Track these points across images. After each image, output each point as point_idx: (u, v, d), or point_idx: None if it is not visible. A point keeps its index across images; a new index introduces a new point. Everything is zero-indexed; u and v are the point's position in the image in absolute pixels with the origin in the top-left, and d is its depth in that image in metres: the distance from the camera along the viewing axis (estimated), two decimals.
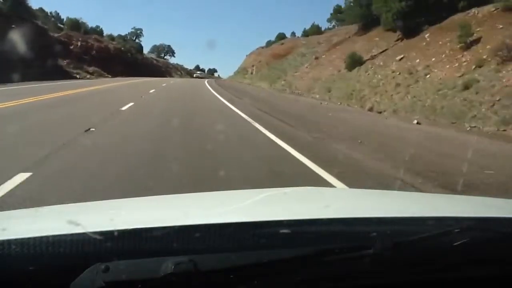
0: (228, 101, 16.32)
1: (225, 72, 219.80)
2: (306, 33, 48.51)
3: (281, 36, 55.42)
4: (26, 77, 22.99)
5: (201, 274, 0.79)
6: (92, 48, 49.73)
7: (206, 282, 0.81)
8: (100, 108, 12.11)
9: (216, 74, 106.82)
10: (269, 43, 55.32)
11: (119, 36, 70.10)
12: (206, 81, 45.61)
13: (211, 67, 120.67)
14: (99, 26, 66.24)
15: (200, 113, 11.85)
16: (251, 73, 46.56)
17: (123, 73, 48.96)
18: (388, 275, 0.91)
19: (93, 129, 7.43)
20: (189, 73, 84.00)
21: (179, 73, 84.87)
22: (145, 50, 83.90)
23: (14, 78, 21.64)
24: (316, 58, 29.79)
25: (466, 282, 0.96)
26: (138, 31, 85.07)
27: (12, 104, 11.27)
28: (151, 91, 20.89)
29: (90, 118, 9.00)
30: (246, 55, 62.69)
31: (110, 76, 46.25)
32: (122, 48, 59.25)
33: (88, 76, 41.77)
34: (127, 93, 18.77)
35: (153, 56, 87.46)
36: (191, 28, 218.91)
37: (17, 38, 25.70)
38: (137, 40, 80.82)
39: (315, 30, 47.60)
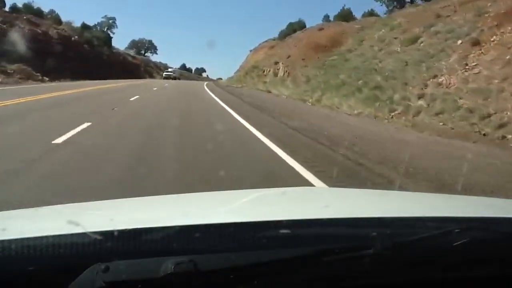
0: None
1: (215, 72, 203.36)
2: (342, 17, 36.02)
3: (301, 25, 41.33)
4: None
5: (201, 274, 0.79)
6: (21, 34, 31.62)
7: (206, 282, 0.80)
8: None
9: (204, 74, 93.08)
10: (282, 34, 42.35)
11: (84, 25, 51.49)
12: (204, 84, 30.51)
13: (199, 67, 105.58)
14: (54, 11, 47.89)
15: None
16: (276, 75, 29.23)
17: (74, 73, 31.59)
18: (388, 275, 0.91)
19: None
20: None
21: (161, 73, 68.98)
22: (123, 46, 68.50)
23: None
24: (476, 44, 13.06)
25: (466, 282, 0.95)
26: (111, 21, 67.97)
27: None
28: None
29: None
30: (250, 51, 51.06)
31: (47, 80, 28.66)
32: (76, 37, 40.75)
33: (0, 80, 24.02)
34: None
35: (131, 52, 71.85)
36: (177, 24, 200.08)
37: None
38: (109, 32, 63.93)
39: (347, 14, 36.98)
